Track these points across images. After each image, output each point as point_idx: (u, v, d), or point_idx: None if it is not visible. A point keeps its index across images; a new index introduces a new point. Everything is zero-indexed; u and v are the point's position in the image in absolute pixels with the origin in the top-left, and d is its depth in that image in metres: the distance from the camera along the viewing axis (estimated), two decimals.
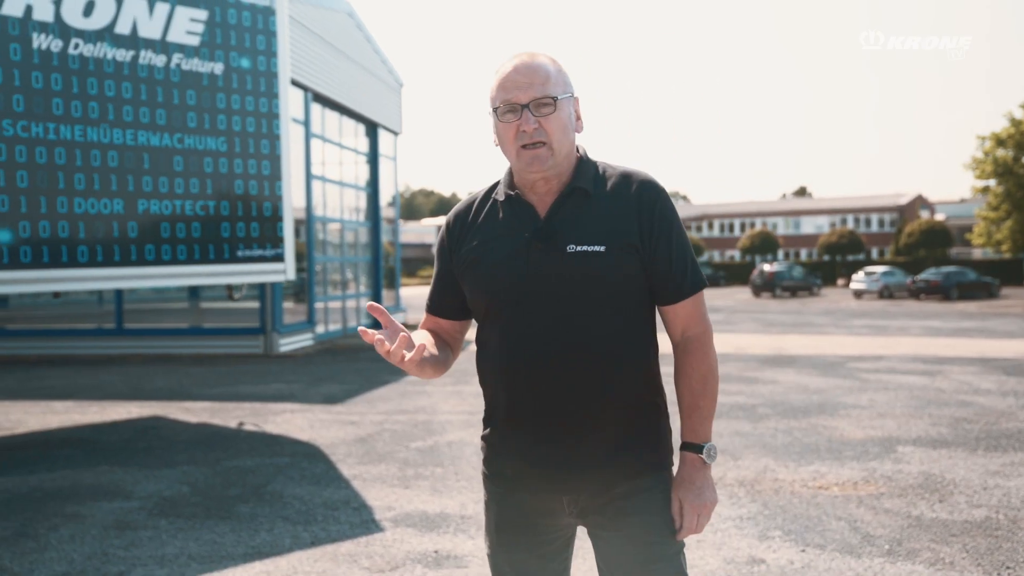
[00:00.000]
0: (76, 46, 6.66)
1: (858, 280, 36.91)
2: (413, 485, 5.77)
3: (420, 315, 20.26)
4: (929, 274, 34.32)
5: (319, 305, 16.17)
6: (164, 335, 14.46)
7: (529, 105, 1.88)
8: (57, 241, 6.61)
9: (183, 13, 7.22)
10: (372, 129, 19.21)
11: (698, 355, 1.98)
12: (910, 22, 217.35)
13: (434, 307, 2.10)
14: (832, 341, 16.08)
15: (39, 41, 6.48)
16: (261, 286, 13.82)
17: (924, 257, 45.68)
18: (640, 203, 1.92)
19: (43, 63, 6.52)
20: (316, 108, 16.12)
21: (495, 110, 1.92)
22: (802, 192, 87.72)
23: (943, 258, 46.20)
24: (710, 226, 70.12)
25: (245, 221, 7.70)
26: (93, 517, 5.11)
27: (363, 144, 19.05)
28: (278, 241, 7.96)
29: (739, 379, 10.75)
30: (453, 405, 8.98)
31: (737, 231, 68.51)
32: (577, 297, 1.87)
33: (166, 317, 15.50)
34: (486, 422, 2.04)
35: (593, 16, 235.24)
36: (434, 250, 2.14)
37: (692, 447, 1.97)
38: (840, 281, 49.25)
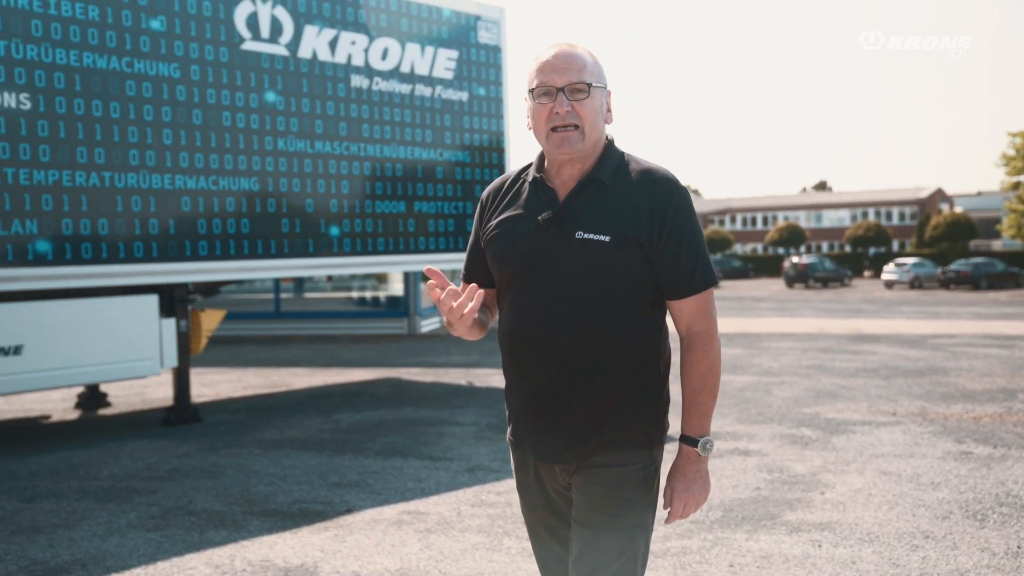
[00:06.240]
0: (376, 83, 8.57)
1: (889, 271, 38.57)
2: None
3: None
4: (959, 265, 36.09)
5: None
6: (317, 317, 16.36)
7: (564, 89, 1.99)
8: (366, 235, 8.53)
9: (443, 54, 9.13)
10: None
11: (699, 352, 2.04)
12: (910, 22, 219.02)
13: (467, 275, 2.24)
14: (898, 323, 17.90)
15: (355, 81, 8.40)
16: (406, 274, 15.72)
17: (948, 249, 47.42)
18: (654, 200, 2.00)
19: (357, 97, 8.43)
20: None
21: (531, 91, 2.04)
22: (822, 186, 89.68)
23: (965, 250, 47.92)
24: (732, 220, 71.84)
25: None
26: (454, 435, 7.02)
27: None
28: None
29: (843, 351, 12.61)
30: None
31: (760, 224, 70.26)
32: (579, 280, 1.99)
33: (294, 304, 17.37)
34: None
35: (607, 16, 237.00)
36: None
37: (688, 440, 2.08)
38: (867, 273, 51.00)
